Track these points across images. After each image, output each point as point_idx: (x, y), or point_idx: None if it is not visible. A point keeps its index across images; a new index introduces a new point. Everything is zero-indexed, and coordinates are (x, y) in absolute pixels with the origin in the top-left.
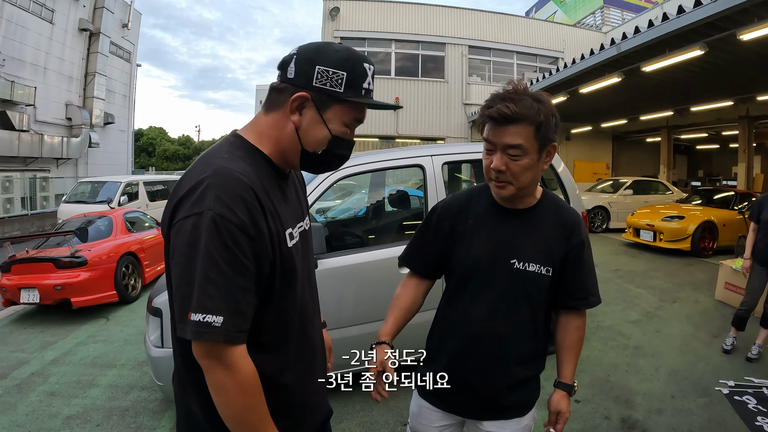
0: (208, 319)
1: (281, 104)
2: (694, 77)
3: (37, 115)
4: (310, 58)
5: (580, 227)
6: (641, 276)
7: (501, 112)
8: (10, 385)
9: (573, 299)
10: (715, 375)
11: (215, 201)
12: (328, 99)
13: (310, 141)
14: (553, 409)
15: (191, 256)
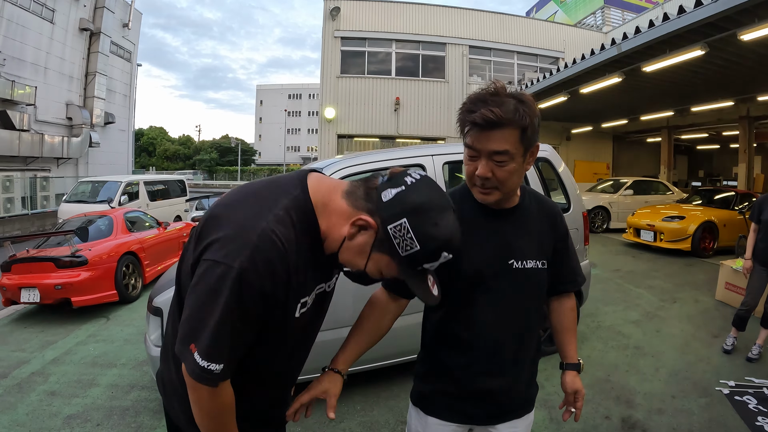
0: (212, 368)
1: (356, 205)
2: (694, 77)
3: (37, 115)
4: (408, 206)
5: (562, 216)
6: (642, 276)
7: (485, 117)
8: (10, 384)
9: (565, 283)
10: (716, 375)
11: (249, 261)
12: (387, 247)
13: (345, 257)
14: (569, 390)
15: (211, 303)
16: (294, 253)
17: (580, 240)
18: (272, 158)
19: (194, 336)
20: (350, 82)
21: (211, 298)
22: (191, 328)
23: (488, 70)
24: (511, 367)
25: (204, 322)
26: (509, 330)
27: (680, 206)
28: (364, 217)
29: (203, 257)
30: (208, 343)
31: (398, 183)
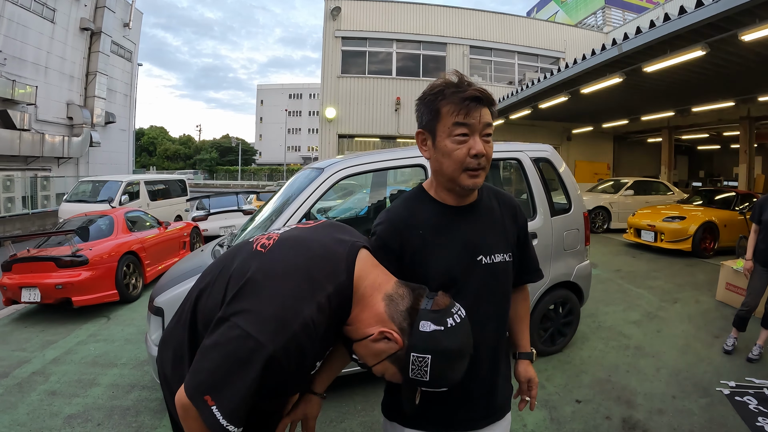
0: (230, 429)
1: (393, 316)
2: (695, 78)
3: (38, 114)
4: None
5: (521, 208)
6: (642, 276)
7: (483, 92)
8: (11, 384)
9: (527, 274)
10: (716, 375)
11: (284, 348)
12: (401, 365)
13: (359, 351)
14: (523, 378)
15: (238, 370)
16: (323, 322)
17: (581, 240)
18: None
19: (214, 390)
20: (351, 82)
21: (238, 367)
22: (212, 382)
23: (489, 70)
24: (490, 368)
25: (229, 385)
26: (485, 328)
27: (681, 207)
28: (396, 334)
29: (234, 319)
30: (234, 407)
31: (440, 322)
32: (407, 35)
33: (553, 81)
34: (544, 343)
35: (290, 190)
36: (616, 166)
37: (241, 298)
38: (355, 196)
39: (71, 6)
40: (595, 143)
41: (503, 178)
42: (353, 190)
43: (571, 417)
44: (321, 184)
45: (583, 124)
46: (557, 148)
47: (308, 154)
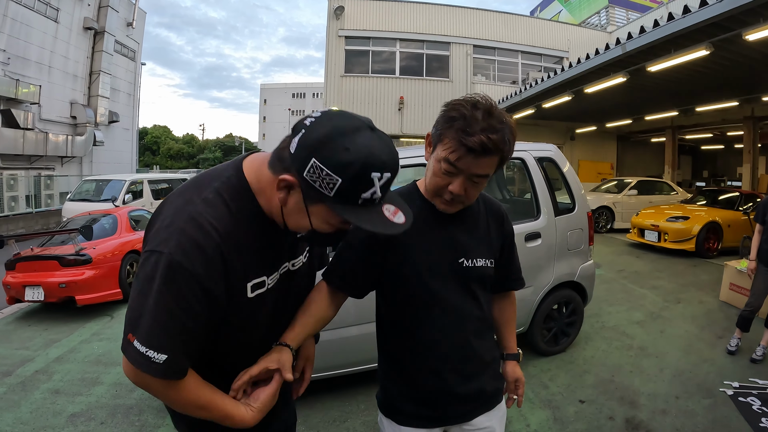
0: (150, 354)
1: (276, 169)
2: (699, 77)
3: (41, 114)
4: (311, 145)
5: (508, 216)
6: (646, 276)
7: (483, 144)
8: (14, 382)
9: (510, 281)
10: (720, 376)
11: (177, 246)
12: (317, 193)
13: (292, 223)
14: (511, 378)
15: (147, 291)
16: (228, 235)
17: (585, 240)
18: None
19: (133, 326)
20: (354, 81)
21: (146, 286)
22: (130, 319)
23: (492, 70)
24: (471, 364)
25: (141, 310)
26: (464, 326)
27: (684, 207)
28: (283, 176)
29: (144, 250)
30: (147, 330)
31: (299, 129)
32: (411, 34)
33: (556, 80)
34: (547, 342)
35: None
36: (620, 165)
37: (147, 231)
38: None
39: (75, 5)
40: (599, 143)
41: (507, 178)
42: None
43: (574, 417)
44: None
45: (587, 123)
46: (561, 148)
47: None
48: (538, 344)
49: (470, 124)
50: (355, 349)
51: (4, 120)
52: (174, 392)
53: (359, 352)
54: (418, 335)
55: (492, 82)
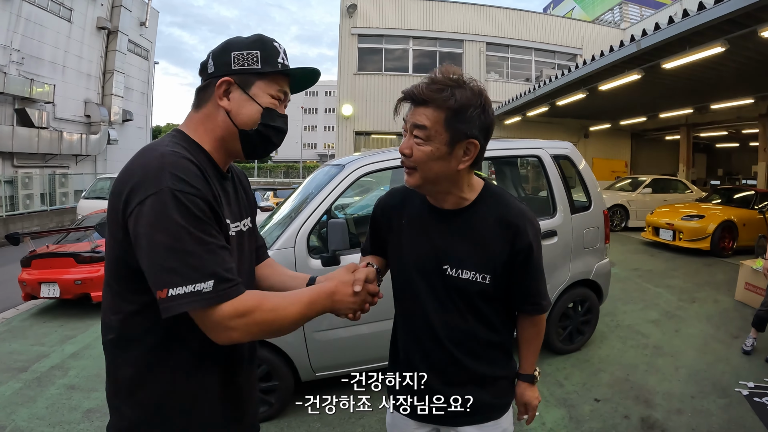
0: (199, 287)
1: (209, 98)
2: (714, 75)
3: (56, 113)
4: (223, 48)
5: (527, 229)
6: (660, 275)
7: (412, 91)
8: (30, 378)
9: (526, 304)
10: (735, 376)
11: (171, 178)
12: (250, 77)
13: (244, 120)
14: (518, 402)
15: (162, 232)
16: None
17: (601, 238)
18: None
19: (161, 280)
20: (367, 79)
21: (157, 232)
22: (154, 277)
23: (506, 67)
24: (449, 367)
25: (167, 259)
26: (438, 332)
27: (699, 205)
28: (218, 83)
29: (128, 214)
30: (182, 269)
31: (206, 58)
32: (424, 32)
33: (570, 78)
34: (562, 341)
35: (310, 187)
36: (634, 163)
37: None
38: (373, 193)
39: (88, 5)
40: (613, 141)
41: (522, 176)
42: (370, 187)
43: (589, 416)
44: (342, 181)
45: (601, 121)
46: (574, 145)
47: (324, 151)
48: (554, 342)
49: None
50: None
51: (19, 119)
52: (251, 314)
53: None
54: (403, 327)
55: (505, 80)
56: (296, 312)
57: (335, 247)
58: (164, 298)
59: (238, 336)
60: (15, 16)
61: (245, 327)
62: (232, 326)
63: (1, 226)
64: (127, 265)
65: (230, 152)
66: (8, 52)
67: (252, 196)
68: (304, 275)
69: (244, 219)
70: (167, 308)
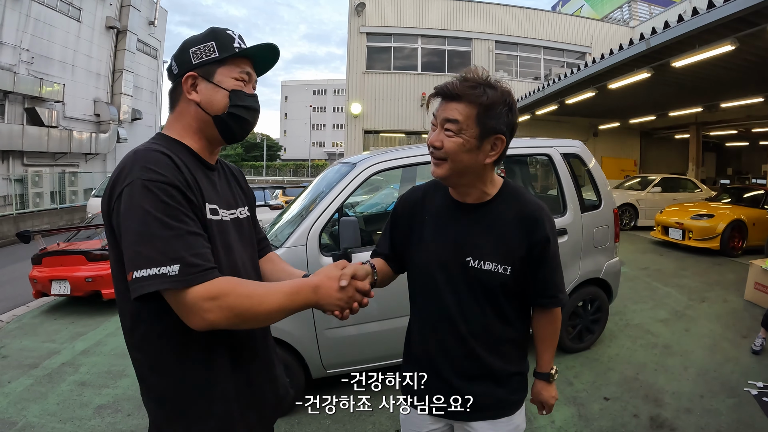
0: (163, 270)
1: (180, 96)
2: (724, 73)
3: (65, 112)
4: (181, 49)
5: (544, 222)
6: (670, 275)
7: (445, 87)
8: (41, 374)
9: (542, 297)
10: (744, 376)
11: (141, 170)
12: (211, 66)
13: (215, 106)
14: (535, 400)
15: (132, 220)
16: (177, 160)
17: (611, 237)
18: (297, 154)
19: (131, 263)
20: (376, 77)
21: (131, 217)
22: (126, 260)
23: (514, 66)
24: (466, 363)
25: (138, 241)
26: (460, 325)
27: (709, 204)
28: (183, 80)
29: (111, 211)
30: (148, 251)
31: (169, 63)
32: (432, 30)
33: (579, 76)
34: (572, 339)
35: (321, 185)
36: (643, 162)
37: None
38: (383, 192)
39: (97, 5)
40: (622, 139)
41: (531, 174)
42: (380, 185)
43: (599, 414)
44: (353, 179)
45: (610, 119)
46: (584, 144)
47: (333, 149)
48: (563, 341)
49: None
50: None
51: (29, 118)
52: (222, 298)
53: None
54: (423, 322)
55: (514, 78)
56: (275, 302)
57: (347, 244)
58: (131, 280)
59: (213, 318)
60: (24, 16)
61: (218, 310)
62: (206, 308)
63: (12, 224)
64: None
65: (211, 141)
66: (18, 52)
67: (248, 190)
68: (299, 272)
69: (240, 207)
70: (134, 290)
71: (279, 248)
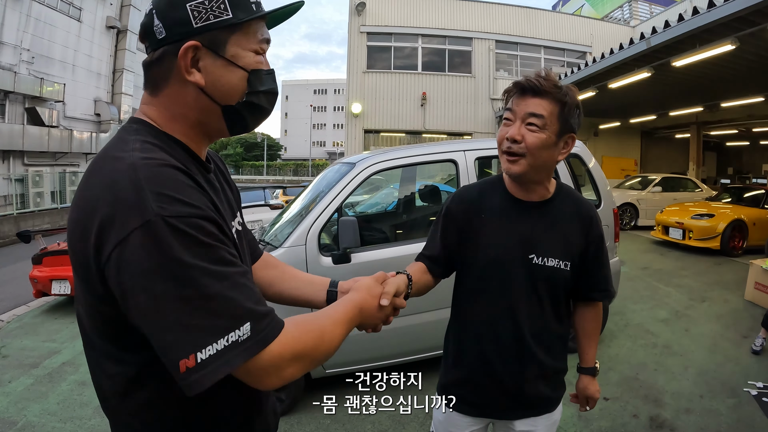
0: (234, 338)
1: (169, 74)
2: (724, 72)
3: (66, 111)
4: (171, 1)
5: (598, 220)
6: (670, 274)
7: (531, 81)
8: (41, 374)
9: (595, 291)
10: (744, 376)
11: (157, 199)
12: (221, 33)
13: (226, 92)
14: (580, 395)
15: (160, 286)
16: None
17: (611, 237)
18: (298, 153)
19: (182, 345)
20: (376, 77)
21: (164, 280)
22: (170, 342)
23: (515, 65)
24: (522, 361)
25: (181, 316)
26: (520, 323)
27: (709, 204)
28: (180, 54)
29: (104, 260)
30: (207, 322)
31: (148, 17)
32: (432, 30)
33: (580, 76)
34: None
35: (320, 185)
36: (644, 162)
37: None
38: (383, 191)
39: (97, 5)
40: (623, 139)
41: None
42: (380, 185)
43: (598, 414)
44: (353, 179)
45: (611, 119)
46: (584, 144)
47: (333, 149)
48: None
49: (525, 76)
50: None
51: (30, 118)
52: (313, 352)
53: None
54: (478, 322)
55: (514, 78)
56: (339, 336)
57: (346, 244)
58: (193, 367)
59: (291, 374)
60: (25, 15)
61: (295, 364)
62: (283, 365)
63: (13, 224)
64: (113, 321)
65: (211, 135)
66: (18, 52)
67: (235, 187)
68: (322, 279)
69: (237, 216)
70: (197, 380)
71: (278, 248)
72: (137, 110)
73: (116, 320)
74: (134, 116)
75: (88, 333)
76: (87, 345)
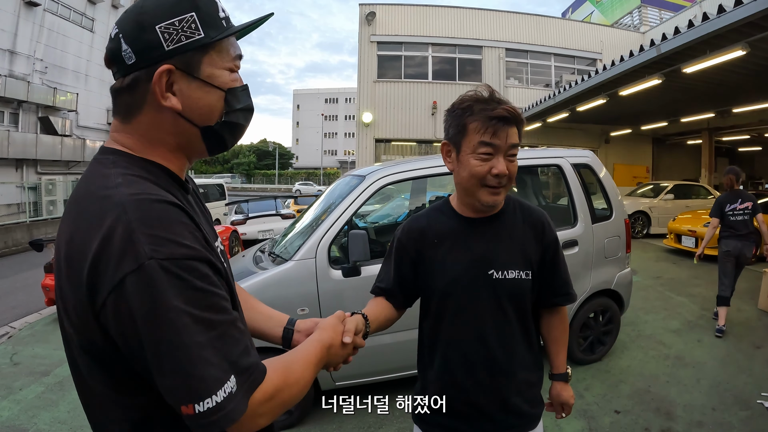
0: (227, 389)
1: (142, 101)
2: (736, 78)
3: (79, 120)
4: (138, 24)
5: (550, 225)
6: (683, 284)
7: (510, 111)
8: (52, 382)
9: (558, 296)
10: (757, 387)
11: (149, 241)
12: (195, 53)
13: (204, 113)
14: (555, 402)
15: (156, 333)
16: (180, 204)
17: (622, 247)
18: (309, 162)
19: (182, 392)
20: (387, 86)
21: (157, 327)
22: (170, 388)
23: (525, 73)
24: (496, 381)
25: (180, 364)
26: (490, 343)
27: None
28: (154, 79)
29: (100, 306)
30: (200, 371)
31: (114, 41)
32: (443, 39)
33: (590, 84)
34: (583, 351)
35: (331, 197)
36: (656, 169)
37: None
38: (394, 202)
39: (109, 15)
40: (634, 146)
41: (542, 183)
42: (391, 195)
43: (609, 428)
44: (363, 192)
45: (622, 126)
46: (595, 151)
47: (345, 158)
48: (574, 353)
49: (487, 101)
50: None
51: (43, 127)
52: (286, 392)
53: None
54: (447, 347)
55: (525, 86)
56: (309, 378)
57: (356, 258)
58: (192, 415)
59: (265, 422)
60: (38, 26)
61: (271, 412)
62: (260, 412)
63: (25, 232)
64: (113, 367)
65: (191, 157)
66: (32, 62)
67: (204, 205)
68: (281, 315)
69: (216, 239)
70: (204, 426)
71: (288, 261)
72: (108, 139)
73: (117, 363)
74: (105, 146)
75: (87, 381)
76: (85, 393)
